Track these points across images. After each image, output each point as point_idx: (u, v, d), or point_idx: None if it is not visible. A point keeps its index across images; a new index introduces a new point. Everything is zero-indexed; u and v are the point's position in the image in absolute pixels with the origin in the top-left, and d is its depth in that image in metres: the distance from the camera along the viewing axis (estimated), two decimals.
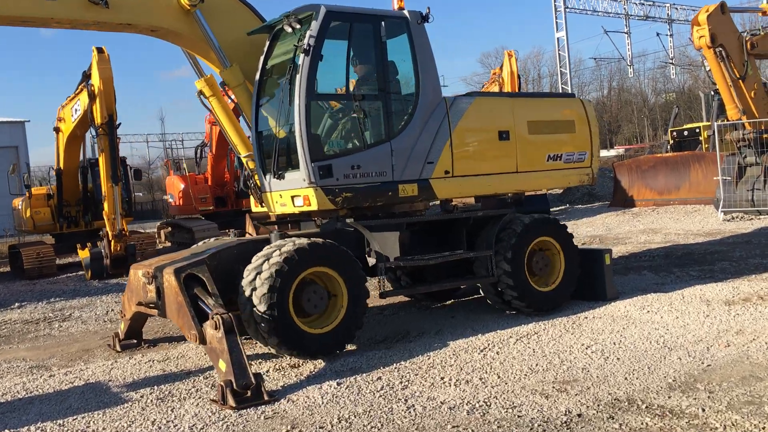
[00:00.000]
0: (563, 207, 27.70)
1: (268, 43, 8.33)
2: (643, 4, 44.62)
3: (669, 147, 28.59)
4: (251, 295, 7.26)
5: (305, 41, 7.47)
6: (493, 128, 8.90)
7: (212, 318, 6.79)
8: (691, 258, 12.93)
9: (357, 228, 8.07)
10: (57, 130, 21.05)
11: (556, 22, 40.55)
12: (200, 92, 8.75)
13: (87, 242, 19.18)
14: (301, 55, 7.48)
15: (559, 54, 41.32)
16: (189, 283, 7.39)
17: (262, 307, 7.15)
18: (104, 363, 8.61)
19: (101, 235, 18.61)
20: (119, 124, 17.83)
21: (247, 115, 8.59)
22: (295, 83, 7.50)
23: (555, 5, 40.23)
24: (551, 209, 25.57)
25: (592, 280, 9.77)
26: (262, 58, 8.35)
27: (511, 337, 8.20)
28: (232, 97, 8.75)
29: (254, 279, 7.32)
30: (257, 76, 8.36)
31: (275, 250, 7.38)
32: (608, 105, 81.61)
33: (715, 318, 8.35)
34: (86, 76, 17.77)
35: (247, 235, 10.69)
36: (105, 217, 18.09)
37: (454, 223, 8.92)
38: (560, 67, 41.45)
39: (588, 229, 19.60)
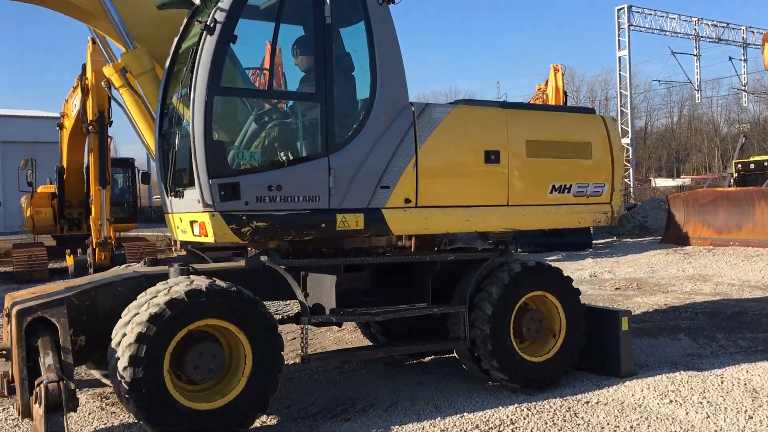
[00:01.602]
0: (609, 240, 25.15)
1: (185, 21, 6.48)
2: (716, 25, 41.49)
3: (732, 180, 25.72)
4: (116, 361, 5.42)
5: (210, 16, 5.59)
6: (478, 147, 6.84)
7: (36, 386, 4.94)
8: (742, 320, 10.51)
9: (274, 267, 6.10)
10: (60, 126, 19.84)
11: (619, 41, 37.91)
12: (108, 81, 6.97)
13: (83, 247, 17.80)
14: (204, 35, 5.60)
15: (620, 74, 38.65)
16: (38, 330, 5.56)
17: (126, 378, 5.28)
18: None
19: (87, 242, 17.21)
20: (111, 122, 16.38)
21: (153, 110, 6.74)
22: (195, 72, 5.61)
23: (618, 22, 37.64)
24: (594, 241, 23.13)
25: (604, 350, 7.58)
26: (175, 40, 6.50)
27: (476, 427, 6.10)
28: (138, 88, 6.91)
29: (120, 341, 5.46)
30: (167, 63, 6.52)
31: (147, 301, 5.51)
32: (677, 132, 77.88)
33: (761, 422, 6.08)
34: (84, 69, 16.42)
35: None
36: (91, 223, 16.66)
37: (415, 269, 6.88)
38: (621, 88, 38.77)
39: (628, 270, 17.15)
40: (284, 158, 6.01)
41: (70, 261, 17.50)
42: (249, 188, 5.72)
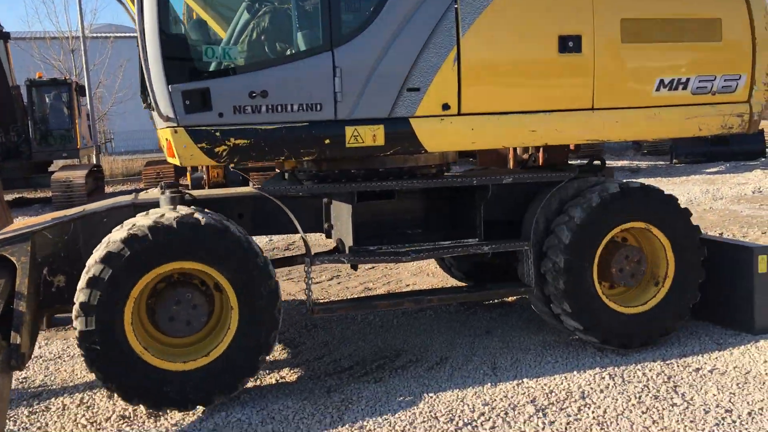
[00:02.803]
0: None
1: None
2: None
3: None
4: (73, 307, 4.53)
5: None
6: (550, 31, 5.09)
7: None
8: None
9: (267, 196, 4.86)
10: None
11: None
12: None
13: None
14: None
15: None
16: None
17: (79, 329, 4.38)
18: None
19: None
20: None
21: None
22: None
23: None
24: None
25: (732, 297, 5.77)
26: None
27: (532, 401, 4.69)
28: None
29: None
30: None
31: (109, 238, 4.51)
32: None
33: None
34: None
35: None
36: None
37: (462, 195, 5.39)
38: None
39: None
40: (271, 55, 4.66)
41: (188, 178, 17.38)
42: (223, 95, 4.45)
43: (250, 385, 5.19)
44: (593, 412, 4.51)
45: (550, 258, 5.28)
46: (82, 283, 4.35)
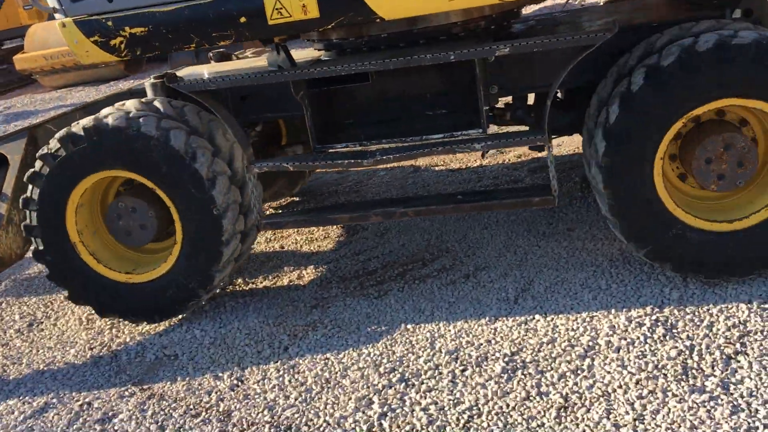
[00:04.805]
0: None
1: None
2: None
3: None
4: None
5: None
6: None
7: None
8: None
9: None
10: None
11: None
12: None
13: None
14: None
15: None
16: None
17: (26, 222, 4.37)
18: None
19: None
20: None
21: None
22: None
23: None
24: None
25: None
26: None
27: (522, 353, 3.52)
28: None
29: None
30: None
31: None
32: None
33: None
34: None
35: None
36: None
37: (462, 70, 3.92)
38: None
39: None
40: None
41: None
42: None
43: (260, 285, 4.78)
44: (565, 387, 3.20)
45: (594, 143, 3.70)
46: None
